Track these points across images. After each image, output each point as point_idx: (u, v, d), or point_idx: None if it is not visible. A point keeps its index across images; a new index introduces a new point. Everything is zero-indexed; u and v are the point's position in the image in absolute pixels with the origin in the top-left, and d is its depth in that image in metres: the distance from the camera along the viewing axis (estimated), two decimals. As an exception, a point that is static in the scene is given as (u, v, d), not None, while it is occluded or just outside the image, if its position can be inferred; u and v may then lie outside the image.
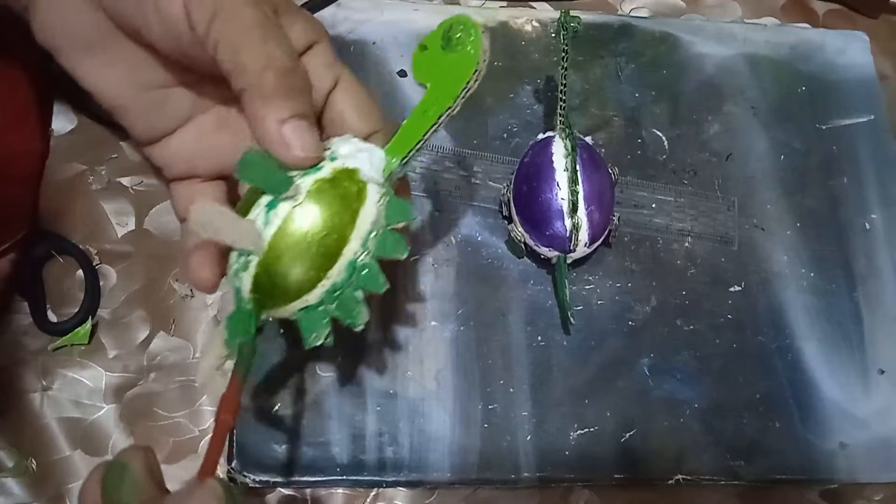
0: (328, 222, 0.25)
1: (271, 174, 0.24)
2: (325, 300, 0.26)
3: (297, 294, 0.25)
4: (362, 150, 0.26)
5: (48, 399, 0.35)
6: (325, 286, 0.25)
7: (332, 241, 0.25)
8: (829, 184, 0.42)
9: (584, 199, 0.34)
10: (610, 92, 0.42)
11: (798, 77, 0.45)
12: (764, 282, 0.39)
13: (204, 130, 0.29)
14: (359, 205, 0.25)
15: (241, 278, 0.25)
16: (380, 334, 0.36)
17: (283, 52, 0.24)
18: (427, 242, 0.38)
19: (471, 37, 0.26)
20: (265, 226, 0.24)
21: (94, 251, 0.38)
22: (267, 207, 0.24)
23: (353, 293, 0.26)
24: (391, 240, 0.26)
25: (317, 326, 0.26)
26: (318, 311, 0.26)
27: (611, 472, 0.35)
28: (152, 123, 0.28)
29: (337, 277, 0.25)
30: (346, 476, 0.34)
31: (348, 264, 0.25)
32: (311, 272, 0.25)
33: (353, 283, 0.26)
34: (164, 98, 0.28)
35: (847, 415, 0.37)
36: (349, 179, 0.25)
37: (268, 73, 0.23)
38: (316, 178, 0.25)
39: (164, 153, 0.29)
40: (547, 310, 0.37)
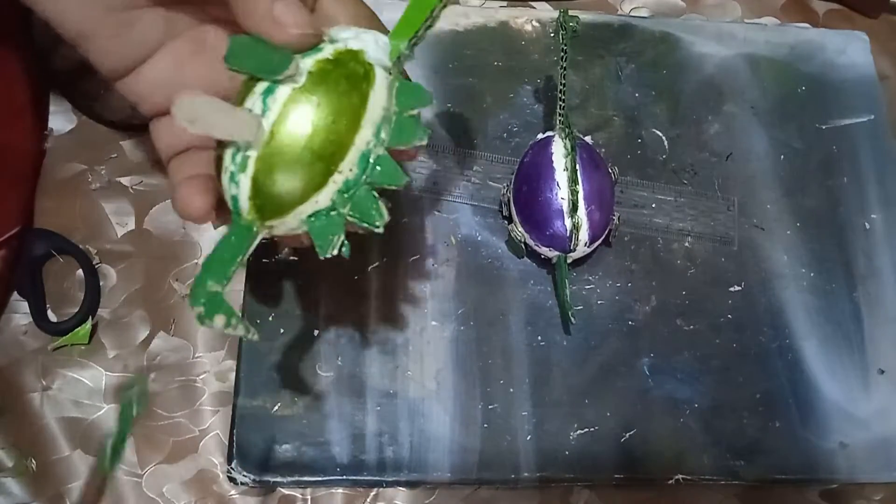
0: (335, 105, 0.22)
1: (266, 55, 0.21)
2: (336, 202, 0.23)
3: (306, 195, 0.22)
4: (365, 32, 0.23)
5: (48, 399, 0.35)
6: (338, 183, 0.23)
7: (341, 128, 0.22)
8: (829, 184, 0.42)
9: (584, 198, 0.34)
10: (610, 92, 0.42)
11: (798, 77, 0.45)
12: (764, 282, 0.39)
13: (180, 56, 0.27)
14: (367, 87, 0.23)
15: (238, 182, 0.22)
16: (380, 334, 0.36)
17: None
18: (427, 242, 0.38)
19: None
20: (263, 114, 0.22)
21: (94, 251, 0.38)
22: (264, 94, 0.22)
23: (369, 190, 0.23)
24: (408, 125, 0.23)
25: (331, 232, 0.23)
26: (330, 217, 0.23)
27: (611, 472, 0.35)
28: (121, 50, 0.26)
29: (349, 173, 0.23)
30: (346, 476, 0.34)
31: (361, 156, 0.23)
32: (320, 165, 0.22)
33: (367, 178, 0.23)
34: (133, 21, 0.26)
35: (847, 415, 0.37)
36: (354, 60, 0.23)
37: None
38: (317, 58, 0.22)
39: (139, 85, 0.27)
40: (547, 310, 0.37)
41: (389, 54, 0.23)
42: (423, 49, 0.42)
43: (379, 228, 0.23)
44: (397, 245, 0.38)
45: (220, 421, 0.35)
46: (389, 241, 0.38)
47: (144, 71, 0.27)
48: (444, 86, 0.41)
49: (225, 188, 0.23)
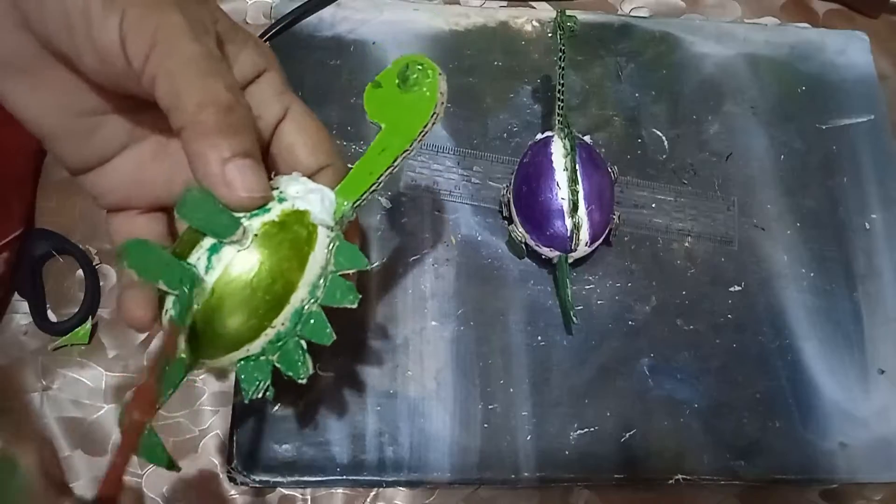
0: (276, 269, 0.23)
1: (215, 215, 0.22)
2: (267, 350, 0.24)
3: (238, 344, 0.24)
4: (312, 190, 0.24)
5: (48, 399, 0.35)
6: (269, 335, 0.24)
7: (279, 289, 0.23)
8: (829, 184, 0.42)
9: (584, 198, 0.34)
10: (610, 92, 0.42)
11: (798, 77, 0.45)
12: (764, 282, 0.39)
13: (141, 160, 0.27)
14: (308, 250, 0.24)
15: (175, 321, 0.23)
16: (380, 334, 0.36)
17: (223, 87, 0.22)
18: (427, 242, 0.38)
19: (427, 77, 0.25)
20: (207, 271, 0.23)
21: (94, 251, 0.38)
22: (209, 251, 0.23)
23: (298, 343, 0.24)
24: (341, 287, 0.24)
25: (257, 377, 0.24)
26: (258, 362, 0.24)
27: (611, 472, 0.35)
28: (84, 152, 0.26)
29: (281, 326, 0.24)
30: (346, 476, 0.34)
31: (294, 312, 0.24)
32: (255, 321, 0.23)
33: (298, 332, 0.24)
34: (98, 126, 0.26)
35: (847, 415, 0.37)
36: (299, 222, 0.24)
37: (207, 109, 0.22)
38: (264, 220, 0.23)
39: (99, 183, 0.27)
40: (547, 310, 0.37)
41: (333, 214, 0.24)
42: (423, 49, 0.42)
43: (302, 380, 0.24)
44: (397, 245, 0.38)
45: (220, 421, 0.35)
46: (389, 241, 0.38)
47: (106, 170, 0.27)
48: (444, 86, 0.41)
49: (164, 326, 0.24)
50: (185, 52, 0.22)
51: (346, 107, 0.40)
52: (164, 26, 0.22)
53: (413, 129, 0.25)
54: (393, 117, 0.25)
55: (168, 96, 0.22)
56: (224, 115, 0.22)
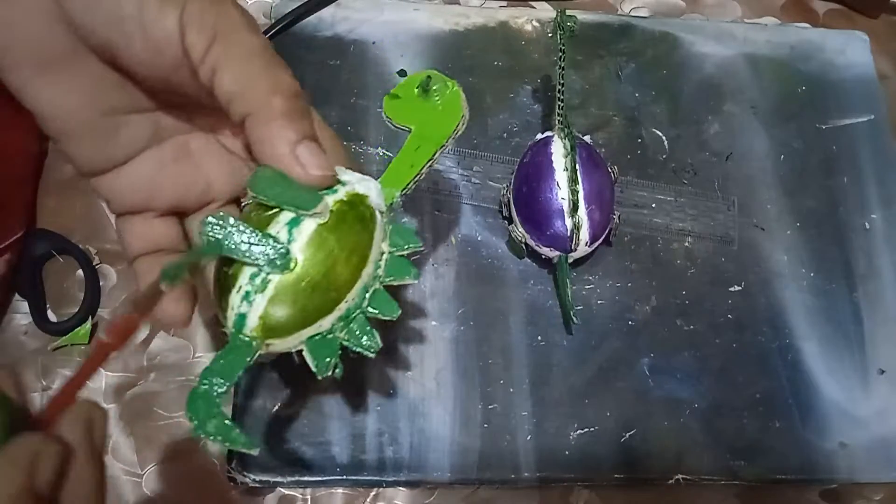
0: (351, 243, 0.24)
1: (295, 190, 0.23)
2: (335, 328, 0.25)
3: (314, 318, 0.24)
4: (363, 178, 0.25)
5: (48, 399, 0.35)
6: (341, 310, 0.24)
7: (353, 263, 0.24)
8: (829, 184, 0.42)
9: (584, 198, 0.34)
10: (610, 92, 0.42)
11: (798, 77, 0.45)
12: (764, 282, 0.39)
13: (162, 162, 0.27)
14: (373, 228, 0.25)
15: (252, 301, 0.23)
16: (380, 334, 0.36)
17: (288, 77, 0.24)
18: (427, 242, 0.38)
19: (447, 87, 0.28)
20: (289, 243, 0.23)
21: (94, 251, 0.38)
22: (290, 224, 0.23)
23: (365, 319, 0.25)
24: (401, 264, 0.25)
25: (326, 354, 0.24)
26: (326, 339, 0.25)
27: (611, 472, 0.35)
28: (104, 152, 0.26)
29: (352, 302, 0.25)
30: (346, 476, 0.34)
31: (363, 288, 0.25)
32: (333, 294, 0.24)
33: (365, 307, 0.25)
34: (121, 125, 0.26)
35: (847, 415, 0.37)
36: (362, 203, 0.25)
37: (276, 97, 0.23)
38: (336, 198, 0.24)
39: (114, 184, 0.26)
40: (547, 310, 0.37)
41: (385, 200, 0.26)
42: (423, 49, 0.42)
43: (372, 354, 0.25)
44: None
45: (220, 421, 0.35)
46: (389, 241, 0.38)
47: (123, 172, 0.26)
48: (444, 86, 0.41)
49: (231, 305, 0.23)
50: (248, 44, 0.23)
51: (347, 107, 0.40)
52: (224, 20, 0.23)
53: (448, 127, 0.27)
54: (421, 120, 0.27)
55: (230, 86, 0.23)
56: (292, 102, 0.23)
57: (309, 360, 0.25)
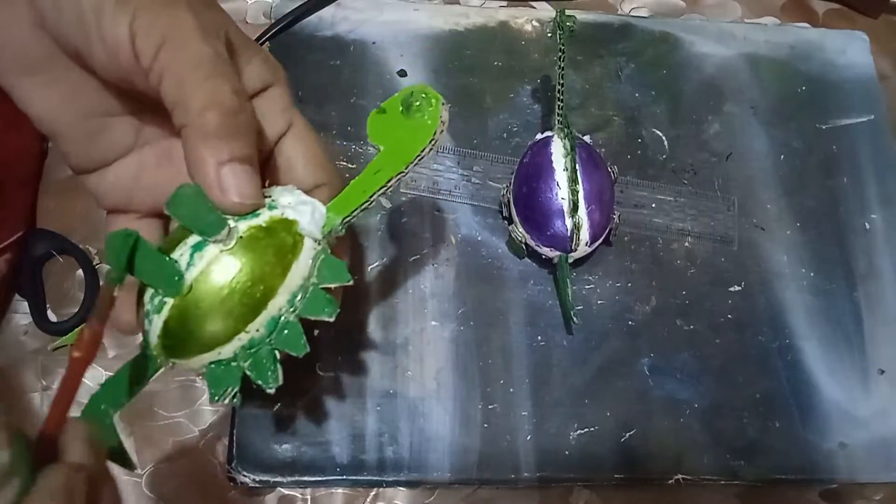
0: (256, 272, 0.23)
1: (203, 214, 0.23)
2: (238, 356, 0.24)
3: (211, 346, 0.24)
4: (304, 202, 0.25)
5: (48, 399, 0.35)
6: (243, 340, 0.24)
7: (258, 293, 0.23)
8: (829, 184, 0.42)
9: (584, 198, 0.34)
10: (610, 92, 0.42)
11: (798, 77, 0.45)
12: (764, 282, 0.39)
13: (145, 164, 0.27)
14: (292, 258, 0.24)
15: (151, 321, 0.23)
16: (380, 334, 0.36)
17: (228, 91, 0.23)
18: (427, 242, 0.38)
19: (430, 105, 0.26)
20: (188, 267, 0.23)
21: (94, 251, 0.38)
22: (193, 248, 0.23)
23: (272, 352, 0.24)
24: (321, 300, 0.24)
25: (225, 383, 0.24)
26: (229, 367, 0.24)
27: (611, 472, 0.35)
28: (89, 153, 0.26)
29: (256, 333, 0.24)
30: (346, 476, 0.34)
31: (270, 320, 0.24)
32: (230, 323, 0.23)
33: (272, 341, 0.24)
34: (105, 127, 0.26)
35: (847, 415, 0.37)
36: (286, 230, 0.24)
37: (210, 111, 0.22)
38: (251, 224, 0.23)
39: (101, 184, 0.27)
40: (547, 310, 0.37)
41: (322, 228, 0.25)
42: (423, 49, 0.42)
43: (271, 390, 0.24)
44: (397, 245, 0.38)
45: (220, 421, 0.35)
46: (389, 241, 0.38)
47: (109, 172, 0.27)
48: (444, 86, 0.41)
49: (140, 321, 0.24)
50: (194, 53, 0.22)
51: (347, 107, 0.40)
52: (175, 26, 0.22)
53: (410, 153, 0.25)
54: (392, 141, 0.26)
55: (173, 94, 0.22)
56: (227, 119, 0.22)
57: (208, 385, 0.24)
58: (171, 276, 0.23)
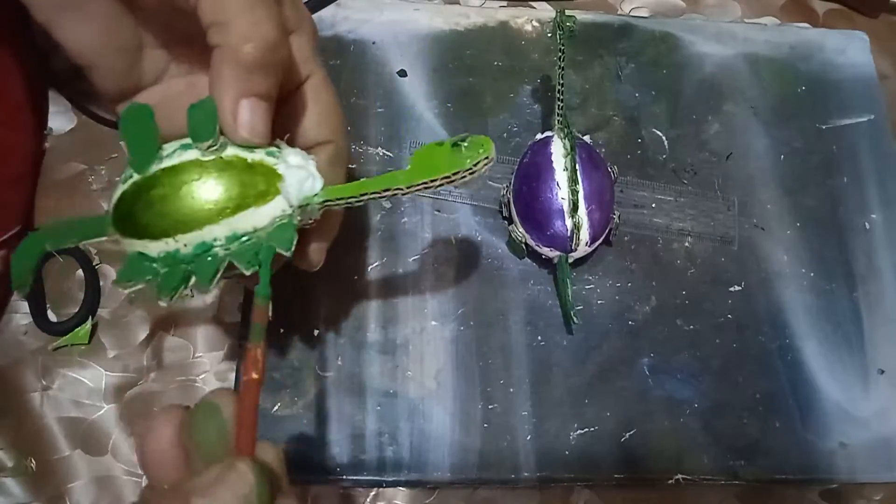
0: (213, 193, 0.24)
1: (205, 123, 0.23)
2: (160, 259, 0.24)
3: (141, 235, 0.24)
4: (302, 167, 0.25)
5: (48, 399, 0.35)
6: (169, 247, 0.24)
7: (203, 211, 0.24)
8: (829, 184, 0.42)
9: (584, 198, 0.34)
10: (610, 92, 0.42)
11: (798, 77, 0.45)
12: (764, 282, 0.39)
13: (171, 93, 0.28)
14: (252, 203, 0.24)
15: (116, 189, 0.25)
16: (380, 334, 0.36)
17: (272, 26, 0.23)
18: (427, 242, 0.38)
19: (475, 153, 0.25)
20: (165, 157, 0.24)
21: (94, 251, 0.38)
22: (182, 146, 0.24)
23: (186, 274, 0.24)
24: (253, 255, 0.24)
25: (135, 275, 0.24)
26: (145, 264, 0.24)
27: (611, 471, 0.35)
28: (121, 83, 0.28)
29: (182, 247, 0.24)
30: (346, 476, 0.34)
31: (201, 243, 0.24)
32: (166, 223, 0.24)
33: (192, 264, 0.24)
34: (137, 59, 0.27)
35: (847, 415, 0.37)
36: (265, 178, 0.24)
37: (250, 42, 0.22)
38: (238, 153, 0.24)
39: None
40: (547, 310, 0.37)
41: (301, 199, 0.25)
42: (423, 49, 0.42)
43: (164, 302, 0.24)
44: (397, 245, 0.38)
45: (220, 421, 0.35)
46: (389, 241, 0.38)
47: (138, 98, 0.28)
48: (444, 86, 0.41)
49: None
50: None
51: (346, 107, 0.40)
52: None
53: (427, 174, 0.25)
54: (420, 164, 0.25)
55: (212, 13, 0.23)
56: (263, 53, 0.23)
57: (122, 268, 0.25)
58: (146, 155, 0.24)
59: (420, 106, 0.40)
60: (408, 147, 0.39)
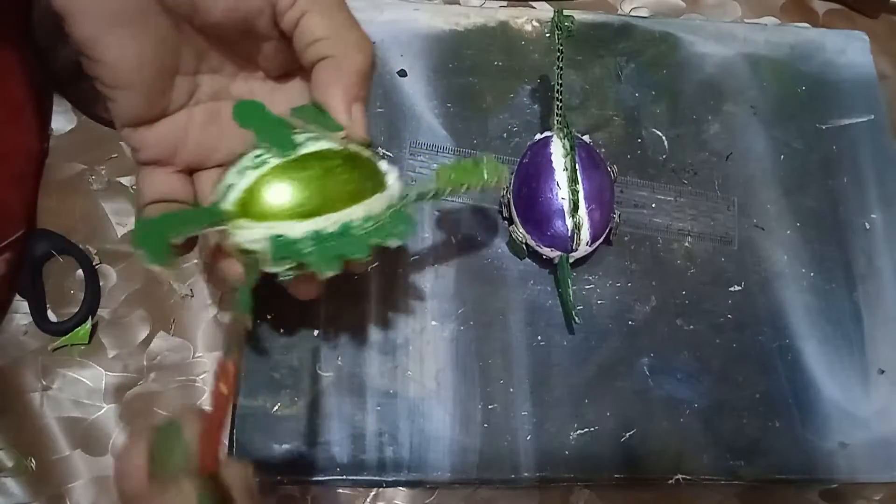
0: (353, 179, 0.26)
1: (327, 120, 0.27)
2: (304, 240, 0.26)
3: (289, 216, 0.25)
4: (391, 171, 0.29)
5: (48, 399, 0.35)
6: (317, 226, 0.26)
7: (346, 193, 0.26)
8: (829, 184, 0.42)
9: (584, 198, 0.34)
10: (610, 92, 0.42)
11: (798, 77, 0.45)
12: (764, 282, 0.39)
13: (194, 122, 0.29)
14: (378, 190, 0.27)
15: (244, 175, 0.26)
16: (380, 334, 0.36)
17: (366, 36, 0.27)
18: (427, 242, 0.38)
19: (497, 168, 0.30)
20: (304, 143, 0.26)
21: (94, 251, 0.38)
22: (310, 138, 0.26)
23: (335, 249, 0.26)
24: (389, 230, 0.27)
25: (286, 255, 0.26)
26: (292, 245, 0.26)
27: (611, 472, 0.35)
28: (150, 106, 0.28)
29: (330, 226, 0.26)
30: (346, 476, 0.34)
31: (345, 224, 0.26)
32: (317, 203, 0.26)
33: (335, 243, 0.26)
34: (169, 84, 0.28)
35: (847, 415, 0.37)
36: (379, 172, 0.28)
37: (361, 54, 0.26)
38: (359, 147, 0.27)
39: (147, 137, 0.28)
40: (547, 309, 0.37)
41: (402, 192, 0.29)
42: (423, 49, 0.42)
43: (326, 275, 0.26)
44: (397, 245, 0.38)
45: (220, 421, 0.35)
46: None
47: (157, 126, 0.28)
48: (444, 86, 0.41)
49: (226, 179, 0.26)
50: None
51: (346, 107, 0.40)
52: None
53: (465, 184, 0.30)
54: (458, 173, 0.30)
55: (322, 30, 0.26)
56: (369, 62, 0.26)
57: (265, 253, 0.26)
58: (286, 139, 0.26)
59: (420, 106, 0.40)
60: (407, 147, 0.39)
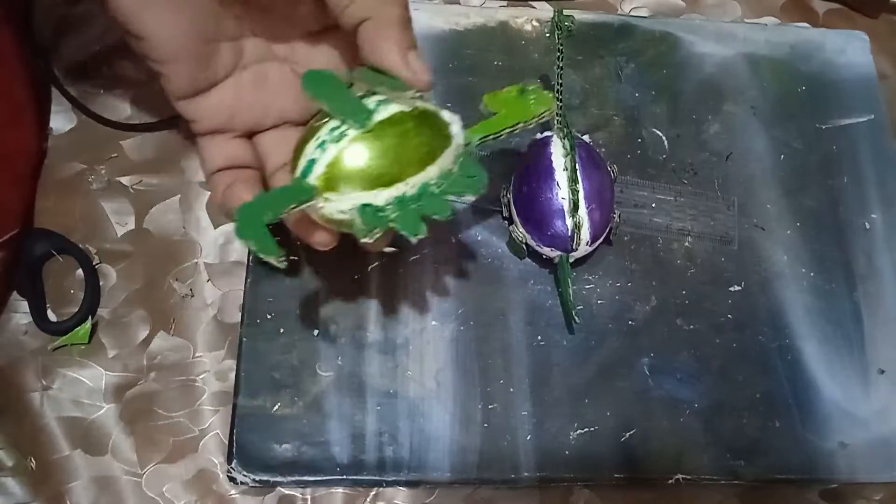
0: (426, 137, 0.27)
1: (391, 80, 0.26)
2: (389, 206, 0.27)
3: (373, 185, 0.26)
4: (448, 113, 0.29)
5: (48, 399, 0.35)
6: (400, 191, 0.26)
7: (423, 154, 0.27)
8: (829, 184, 0.42)
9: (584, 197, 0.34)
10: (610, 91, 0.42)
11: (798, 77, 0.45)
12: (764, 282, 0.39)
13: (243, 87, 0.30)
14: (446, 145, 0.28)
15: (325, 149, 0.26)
16: (380, 334, 0.36)
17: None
18: (427, 242, 0.38)
19: (543, 92, 0.32)
20: (375, 110, 0.26)
21: (94, 251, 0.38)
22: (379, 102, 0.26)
23: (417, 211, 0.27)
24: (463, 184, 0.28)
25: (374, 223, 0.26)
26: (378, 213, 0.26)
27: (611, 471, 0.35)
28: (197, 77, 0.29)
29: (410, 189, 0.27)
30: (346, 476, 0.34)
31: (424, 184, 0.27)
32: (397, 169, 0.26)
33: (419, 204, 0.27)
34: (215, 52, 0.29)
35: (847, 415, 0.37)
36: (443, 125, 0.28)
37: (395, 6, 0.26)
38: (423, 105, 0.27)
39: (200, 107, 0.30)
40: (547, 309, 0.37)
41: (465, 139, 0.29)
42: (423, 49, 0.42)
43: (415, 238, 0.27)
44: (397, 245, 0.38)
45: (220, 421, 0.35)
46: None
47: (209, 96, 0.30)
48: (444, 86, 0.41)
49: (304, 153, 0.26)
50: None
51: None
52: None
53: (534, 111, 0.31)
54: (511, 106, 0.31)
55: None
56: (405, 11, 0.26)
57: (356, 223, 0.26)
58: (361, 111, 0.26)
59: (420, 106, 0.40)
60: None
